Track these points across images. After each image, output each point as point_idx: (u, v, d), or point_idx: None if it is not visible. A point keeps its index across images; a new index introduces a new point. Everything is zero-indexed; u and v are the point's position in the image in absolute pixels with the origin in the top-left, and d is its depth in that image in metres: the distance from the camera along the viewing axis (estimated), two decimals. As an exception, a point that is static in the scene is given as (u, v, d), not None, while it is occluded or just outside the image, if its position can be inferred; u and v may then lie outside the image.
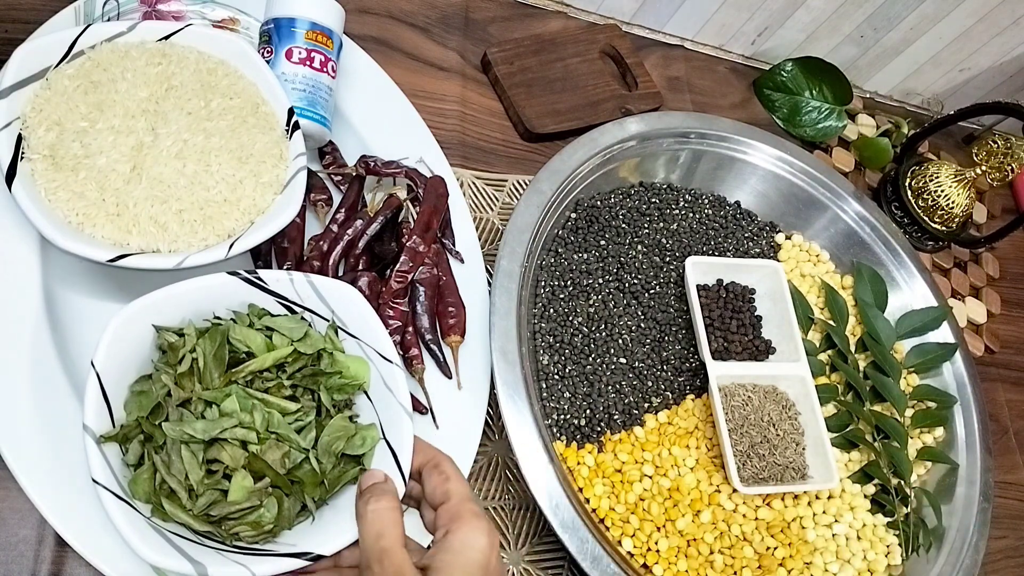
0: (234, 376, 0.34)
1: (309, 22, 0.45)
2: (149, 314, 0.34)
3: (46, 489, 0.34)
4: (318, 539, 0.33)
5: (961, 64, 0.77)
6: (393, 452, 0.34)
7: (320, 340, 0.36)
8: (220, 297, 0.35)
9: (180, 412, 0.33)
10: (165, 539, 0.31)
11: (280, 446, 0.33)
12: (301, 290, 0.36)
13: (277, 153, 0.42)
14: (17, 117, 0.37)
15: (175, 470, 0.32)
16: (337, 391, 0.36)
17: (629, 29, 0.68)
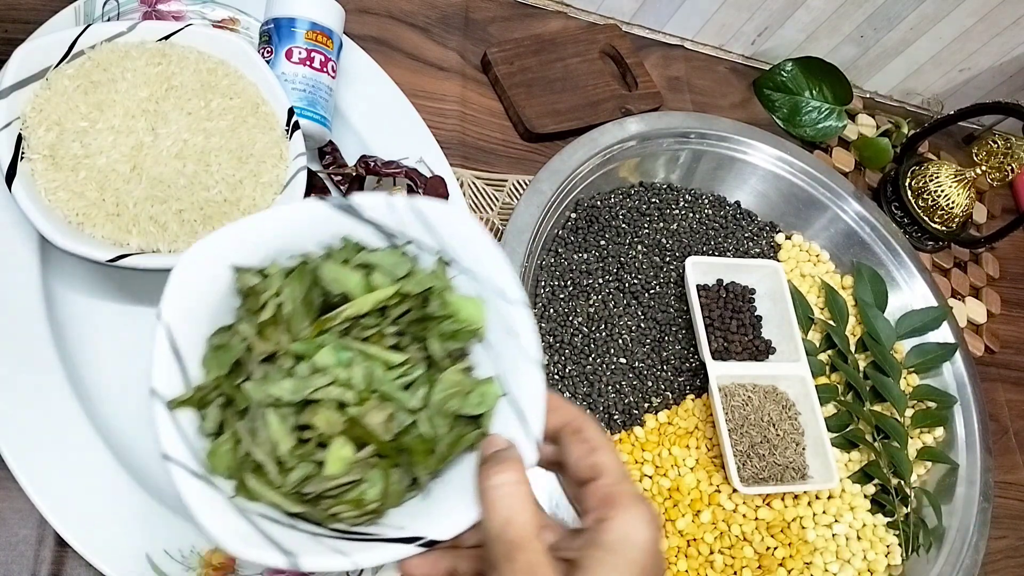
0: (327, 324, 0.28)
1: (309, 22, 0.45)
2: (225, 252, 0.28)
3: (46, 489, 0.34)
4: (432, 520, 0.27)
5: (961, 64, 0.77)
6: (520, 411, 0.28)
7: (428, 277, 0.30)
8: (308, 229, 0.29)
9: (265, 369, 0.28)
10: (251, 524, 0.25)
11: (384, 407, 0.27)
12: (404, 217, 0.30)
13: (277, 153, 0.42)
14: (17, 117, 0.37)
15: (261, 439, 0.27)
16: (449, 338, 0.30)
17: (629, 29, 0.68)
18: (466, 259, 0.30)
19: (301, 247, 0.29)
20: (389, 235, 0.30)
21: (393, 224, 0.30)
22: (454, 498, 0.27)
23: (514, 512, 0.24)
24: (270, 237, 0.29)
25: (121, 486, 0.36)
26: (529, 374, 0.28)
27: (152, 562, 0.35)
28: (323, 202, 0.29)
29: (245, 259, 0.28)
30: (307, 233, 0.29)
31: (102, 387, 0.38)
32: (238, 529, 0.25)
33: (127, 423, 0.38)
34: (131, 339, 0.40)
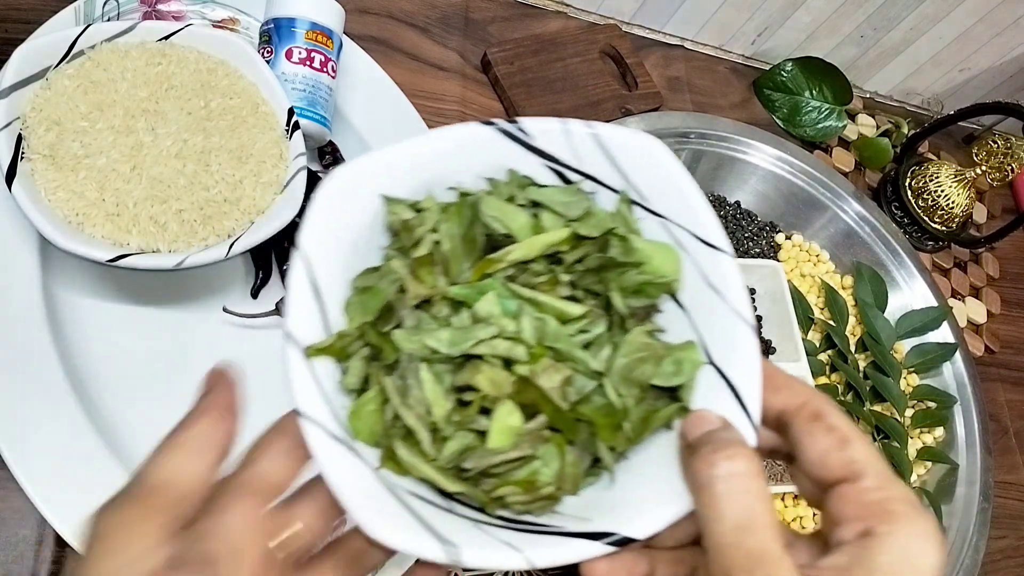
0: (491, 267, 0.23)
1: (309, 22, 0.45)
2: (373, 179, 0.24)
3: (46, 489, 0.34)
4: (622, 513, 0.22)
5: (961, 64, 0.77)
6: (730, 384, 0.22)
7: (608, 219, 0.25)
8: (466, 157, 0.25)
9: (417, 316, 0.23)
10: (401, 504, 0.21)
11: (559, 368, 0.22)
12: (581, 146, 0.25)
13: (277, 153, 0.42)
14: (17, 117, 0.37)
15: (413, 399, 0.22)
16: (634, 293, 0.24)
17: (629, 29, 0.68)
18: (656, 199, 0.25)
19: (457, 178, 0.25)
20: (561, 168, 0.25)
21: (567, 155, 0.25)
22: (648, 487, 0.22)
23: (754, 515, 0.19)
24: (423, 165, 0.24)
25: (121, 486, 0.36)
26: (739, 338, 0.23)
27: (152, 562, 0.35)
28: (486, 125, 0.24)
29: (394, 189, 0.24)
30: (465, 162, 0.25)
31: (102, 387, 0.38)
32: (386, 509, 0.20)
33: (127, 423, 0.38)
34: (131, 339, 0.40)
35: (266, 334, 0.43)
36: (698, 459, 0.20)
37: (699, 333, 0.24)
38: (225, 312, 0.42)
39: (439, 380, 0.22)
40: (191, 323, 0.42)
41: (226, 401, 0.23)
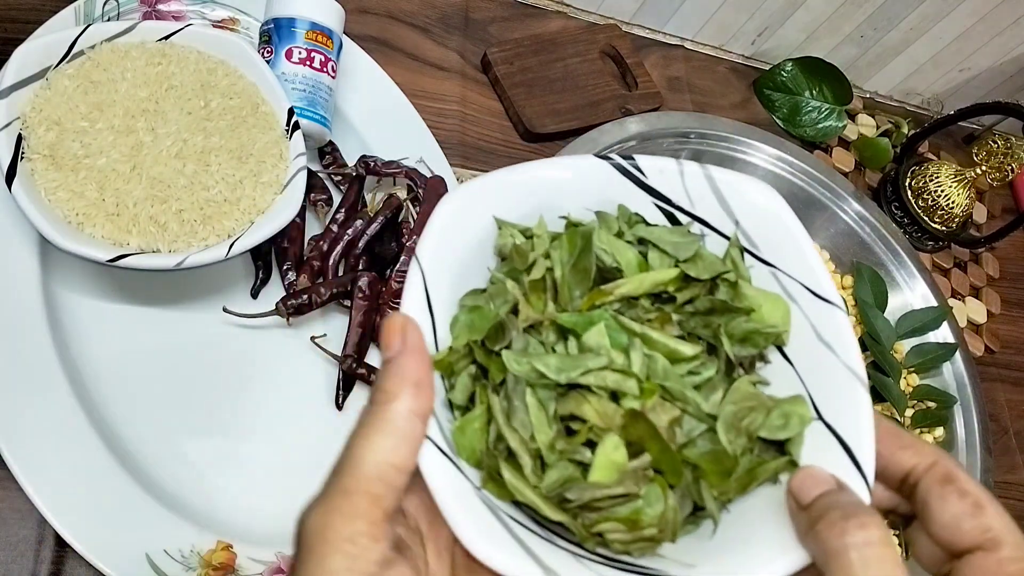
0: (600, 298, 0.23)
1: (309, 22, 0.45)
2: (489, 201, 0.24)
3: (46, 489, 0.34)
4: (725, 562, 0.21)
5: (961, 64, 0.77)
6: (842, 442, 0.22)
7: (717, 263, 0.24)
8: (579, 188, 0.25)
9: (526, 339, 0.23)
10: (503, 526, 0.21)
11: (669, 408, 0.22)
12: (693, 188, 0.25)
13: (277, 153, 0.42)
14: (17, 117, 0.37)
15: (517, 422, 0.22)
16: (740, 341, 0.24)
17: (629, 29, 0.68)
18: (767, 247, 0.25)
19: (566, 207, 0.25)
20: (672, 209, 0.25)
21: (679, 195, 0.25)
22: (752, 539, 0.22)
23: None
24: (534, 191, 0.25)
25: (121, 486, 0.36)
26: (852, 395, 0.22)
27: (152, 562, 0.35)
28: (602, 160, 0.25)
29: (506, 212, 0.24)
30: (575, 192, 0.25)
31: (102, 387, 0.38)
32: (488, 528, 0.20)
33: (127, 423, 0.38)
34: (131, 339, 0.40)
35: (266, 334, 0.43)
36: (827, 525, 0.19)
37: (807, 388, 0.23)
38: (225, 312, 0.42)
39: (543, 406, 0.22)
40: (191, 323, 0.42)
41: (421, 372, 0.20)
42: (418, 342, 0.21)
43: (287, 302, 0.42)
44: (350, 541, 0.18)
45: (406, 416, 0.20)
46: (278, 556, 0.38)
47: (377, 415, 0.20)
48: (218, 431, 0.40)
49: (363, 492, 0.19)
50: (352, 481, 0.19)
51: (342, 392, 0.44)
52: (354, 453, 0.19)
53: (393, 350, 0.20)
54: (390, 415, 0.20)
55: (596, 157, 0.25)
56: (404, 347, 0.20)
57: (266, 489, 0.40)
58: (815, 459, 0.22)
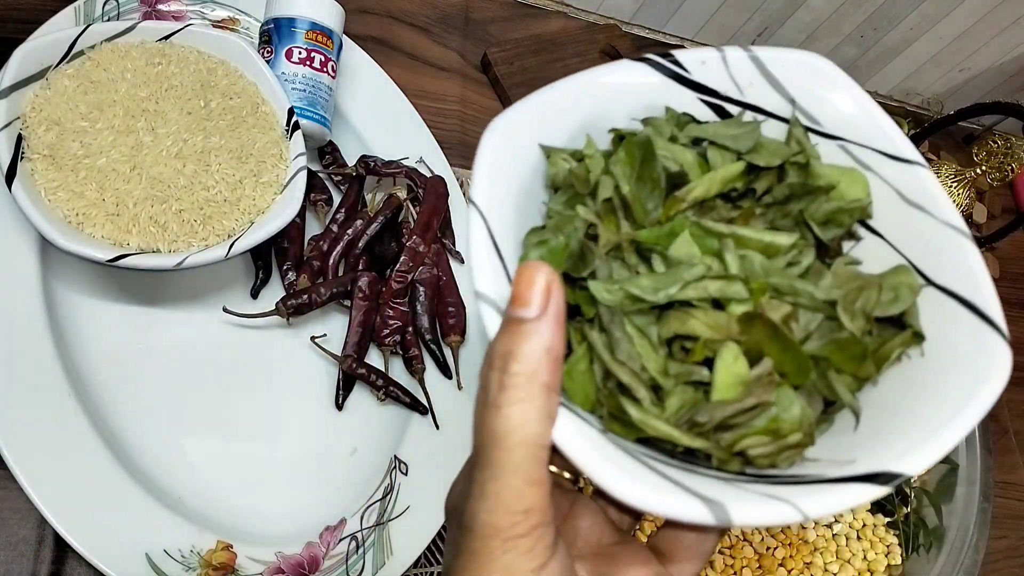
0: (675, 207, 0.22)
1: (309, 22, 0.45)
2: (528, 131, 0.22)
3: (46, 489, 0.34)
4: (881, 451, 0.20)
5: (961, 64, 0.77)
6: (961, 299, 0.20)
7: (782, 148, 0.23)
8: (619, 98, 0.23)
9: (609, 266, 0.21)
10: (644, 466, 0.19)
11: (778, 304, 0.20)
12: (740, 75, 0.23)
13: (277, 153, 0.42)
14: (17, 117, 0.37)
15: (623, 355, 0.20)
16: (824, 223, 0.22)
17: (629, 29, 0.68)
18: (831, 121, 0.23)
19: (609, 121, 0.23)
20: (720, 101, 0.23)
21: (727, 85, 0.23)
22: (899, 421, 0.20)
23: None
24: (573, 109, 0.23)
25: (121, 486, 0.36)
26: (955, 250, 0.21)
27: (152, 562, 0.35)
28: (638, 63, 0.23)
29: (549, 137, 0.22)
30: (616, 103, 0.23)
31: (102, 387, 0.38)
32: (634, 472, 0.18)
33: (127, 422, 0.38)
34: (131, 339, 0.40)
35: (266, 334, 0.43)
36: None
37: (906, 256, 0.22)
38: (225, 312, 0.42)
39: (643, 333, 0.20)
40: (191, 323, 0.42)
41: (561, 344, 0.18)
42: (562, 307, 0.18)
43: (287, 302, 0.42)
44: (524, 536, 0.18)
45: (547, 392, 0.18)
46: (278, 556, 0.38)
47: (519, 390, 0.18)
48: (218, 431, 0.40)
49: (523, 479, 0.18)
50: (510, 469, 0.18)
51: (342, 392, 0.44)
52: (501, 435, 0.18)
53: (533, 310, 0.18)
54: (533, 392, 0.18)
55: (632, 60, 0.23)
56: (546, 311, 0.18)
57: (266, 489, 0.40)
58: (939, 327, 0.21)
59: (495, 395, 0.18)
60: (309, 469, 0.42)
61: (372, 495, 0.42)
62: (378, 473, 0.43)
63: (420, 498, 0.43)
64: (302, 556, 0.39)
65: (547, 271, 0.18)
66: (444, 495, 0.45)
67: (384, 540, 0.41)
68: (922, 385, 0.20)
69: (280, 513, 0.40)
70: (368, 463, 0.43)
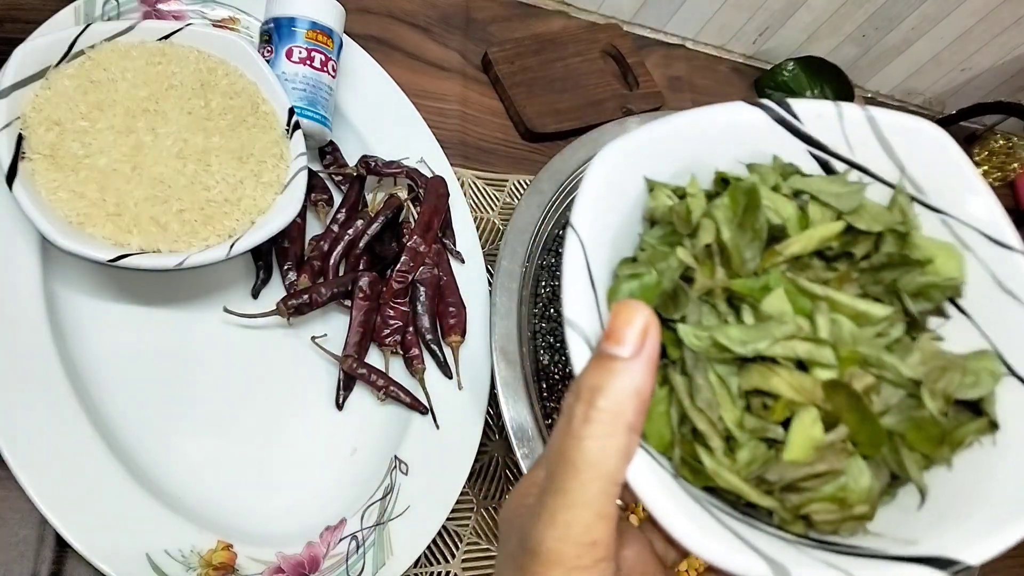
0: (772, 260, 0.21)
1: (309, 21, 0.45)
2: (636, 163, 0.22)
3: (46, 489, 0.34)
4: (946, 535, 0.20)
5: (962, 64, 0.77)
6: None
7: (884, 214, 0.22)
8: (728, 139, 0.23)
9: (700, 310, 0.21)
10: (713, 517, 0.19)
11: (863, 374, 0.20)
12: (853, 133, 0.23)
13: (277, 153, 0.42)
14: (17, 117, 0.37)
15: (703, 401, 0.20)
16: (914, 296, 0.22)
17: (630, 29, 0.68)
18: (936, 193, 0.23)
19: (715, 161, 0.23)
20: (829, 157, 0.23)
21: (838, 142, 0.23)
22: (966, 508, 0.20)
23: None
24: (681, 145, 0.22)
25: (121, 486, 0.36)
26: None
27: (152, 562, 0.35)
28: (753, 107, 0.23)
29: (655, 171, 0.22)
30: (724, 144, 0.23)
31: (103, 387, 0.38)
32: (704, 522, 0.19)
33: (127, 423, 0.38)
34: (132, 339, 0.40)
35: (267, 334, 0.43)
36: None
37: (991, 341, 0.22)
38: (226, 312, 0.42)
39: (724, 383, 0.20)
40: (192, 323, 0.42)
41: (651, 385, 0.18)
42: (656, 350, 0.18)
43: (288, 302, 0.42)
44: (588, 569, 0.18)
45: (630, 432, 0.18)
46: (278, 556, 0.38)
47: (603, 425, 0.18)
48: (219, 431, 0.40)
49: (595, 512, 0.18)
50: (583, 500, 0.18)
51: (342, 392, 0.44)
52: (579, 466, 0.18)
53: (628, 350, 0.18)
54: (617, 430, 0.18)
55: (747, 104, 0.22)
56: (641, 352, 0.18)
57: (267, 488, 0.40)
58: (1015, 419, 0.21)
59: (578, 427, 0.18)
60: (309, 469, 0.42)
61: (372, 495, 0.42)
62: (378, 473, 0.43)
63: (420, 498, 0.43)
64: (302, 556, 0.39)
65: (646, 312, 0.18)
66: (444, 495, 0.45)
67: (384, 540, 0.41)
68: (990, 475, 0.20)
69: (280, 513, 0.40)
70: (368, 463, 0.43)
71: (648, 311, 0.18)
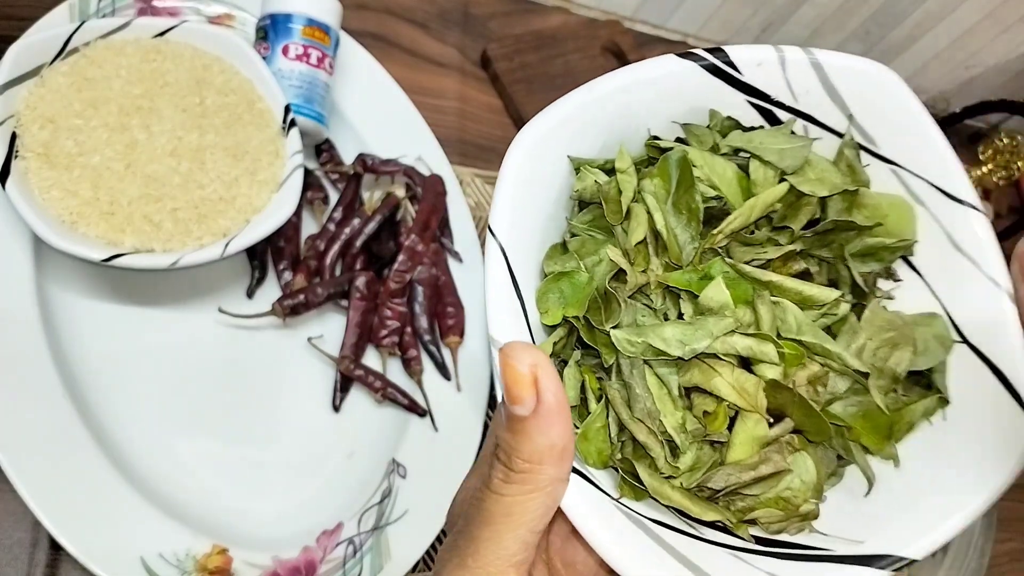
0: (711, 243, 0.20)
1: (306, 18, 0.44)
2: (560, 138, 0.20)
3: (40, 491, 0.34)
4: (889, 528, 0.19)
5: (967, 61, 0.76)
6: (995, 369, 0.19)
7: (831, 173, 0.21)
8: (661, 98, 0.21)
9: (634, 309, 0.20)
10: (650, 536, 0.19)
11: (808, 364, 0.19)
12: (797, 79, 0.21)
13: (273, 151, 0.41)
14: (11, 115, 0.36)
15: (641, 411, 0.19)
16: (862, 256, 0.21)
17: (631, 25, 0.68)
18: (887, 142, 0.21)
19: (649, 123, 0.21)
20: (771, 107, 0.21)
21: (780, 90, 0.21)
22: (916, 499, 0.19)
23: None
24: (610, 110, 0.21)
25: (116, 489, 0.35)
26: (995, 310, 0.19)
27: (147, 565, 0.35)
28: (684, 59, 0.21)
29: (580, 145, 0.20)
30: (658, 104, 0.21)
31: (97, 388, 0.38)
32: (636, 544, 0.18)
33: (122, 424, 0.38)
34: (126, 339, 0.40)
35: (262, 335, 0.43)
36: None
37: (942, 304, 0.20)
38: (221, 313, 0.41)
39: (664, 384, 0.19)
40: (186, 323, 0.41)
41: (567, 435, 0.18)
42: (559, 396, 0.17)
43: (283, 302, 0.42)
44: None
45: (552, 484, 0.17)
46: (274, 560, 0.38)
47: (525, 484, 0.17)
48: (213, 433, 0.40)
49: (507, 562, 0.18)
50: (495, 550, 0.18)
51: (339, 393, 0.43)
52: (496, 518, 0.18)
53: (527, 407, 0.17)
54: (539, 485, 0.17)
55: (677, 56, 0.20)
56: (541, 406, 0.17)
57: (262, 492, 0.40)
58: (965, 391, 0.19)
59: (498, 485, 0.18)
60: (306, 472, 0.42)
61: (370, 498, 0.42)
62: (376, 476, 0.42)
63: (418, 502, 0.42)
64: (299, 561, 0.38)
65: (530, 359, 0.17)
66: (443, 498, 0.44)
67: (382, 544, 0.40)
68: (937, 456, 0.19)
69: (276, 517, 0.40)
70: (366, 466, 0.43)
71: (530, 355, 0.17)
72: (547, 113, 0.20)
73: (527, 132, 0.20)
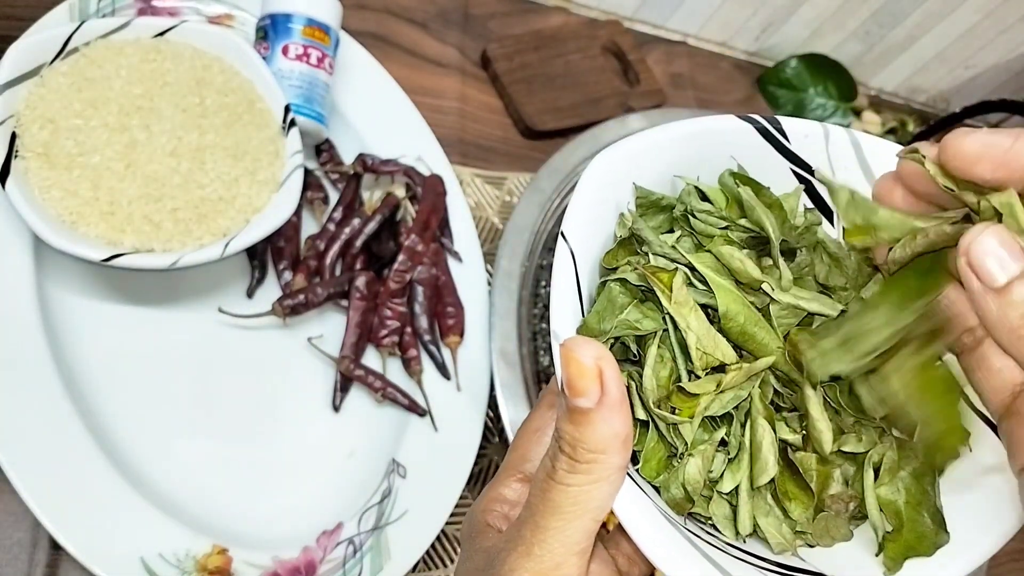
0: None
1: (306, 18, 0.44)
2: (627, 166, 0.23)
3: (40, 491, 0.34)
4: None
5: (967, 61, 0.76)
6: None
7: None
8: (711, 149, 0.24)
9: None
10: (695, 547, 0.20)
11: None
12: (837, 154, 0.24)
13: (273, 151, 0.41)
14: (11, 115, 0.36)
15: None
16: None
17: (631, 25, 0.68)
18: None
19: (697, 173, 0.24)
20: (809, 176, 0.24)
21: (820, 161, 0.24)
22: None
23: None
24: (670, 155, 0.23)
25: (115, 489, 0.35)
26: None
27: (147, 565, 0.35)
28: (742, 119, 0.23)
29: (645, 176, 0.23)
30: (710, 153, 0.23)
31: (96, 388, 0.38)
32: (688, 556, 0.19)
33: (122, 425, 0.38)
34: (126, 339, 0.40)
35: (262, 335, 0.43)
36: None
37: None
38: (221, 313, 0.41)
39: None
40: (186, 323, 0.41)
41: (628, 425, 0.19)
42: (621, 390, 0.18)
43: (283, 302, 0.42)
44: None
45: (616, 472, 0.18)
46: (274, 560, 0.38)
47: (590, 474, 0.18)
48: (213, 433, 0.40)
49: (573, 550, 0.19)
50: (562, 538, 0.18)
51: (339, 393, 0.43)
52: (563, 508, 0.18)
53: (591, 399, 0.18)
54: (604, 474, 0.18)
55: (737, 117, 0.23)
56: (605, 397, 0.18)
57: (262, 492, 0.40)
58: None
59: (563, 476, 0.18)
60: (306, 472, 0.42)
61: (370, 499, 0.42)
62: (376, 476, 0.42)
63: (419, 502, 0.42)
64: (299, 561, 0.38)
65: (593, 352, 0.18)
66: (443, 498, 0.44)
67: (382, 544, 0.40)
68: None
69: (276, 517, 0.40)
70: (366, 466, 0.43)
71: (594, 351, 0.18)
72: (624, 143, 0.23)
73: (604, 155, 0.22)
